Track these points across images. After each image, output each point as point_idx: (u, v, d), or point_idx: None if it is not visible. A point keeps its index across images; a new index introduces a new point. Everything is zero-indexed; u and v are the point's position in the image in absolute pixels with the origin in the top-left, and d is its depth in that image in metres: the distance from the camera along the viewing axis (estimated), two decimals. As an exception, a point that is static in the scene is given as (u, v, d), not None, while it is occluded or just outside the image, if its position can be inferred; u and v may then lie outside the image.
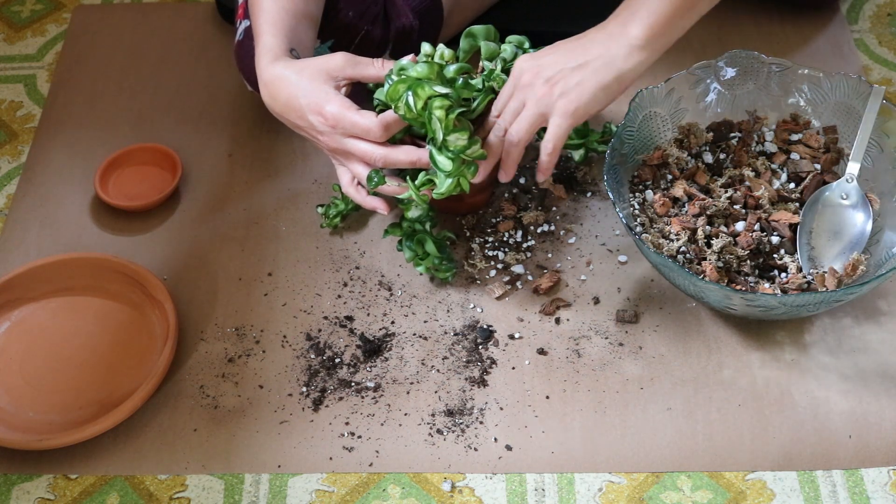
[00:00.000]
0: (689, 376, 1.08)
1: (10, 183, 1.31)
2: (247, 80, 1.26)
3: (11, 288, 1.15)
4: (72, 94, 1.39)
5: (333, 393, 1.08)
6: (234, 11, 1.40)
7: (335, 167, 1.13)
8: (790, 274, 1.07)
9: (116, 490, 1.03)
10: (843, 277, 1.05)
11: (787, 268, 1.08)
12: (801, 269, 1.07)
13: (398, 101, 1.01)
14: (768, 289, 1.05)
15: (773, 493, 1.00)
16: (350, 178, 1.11)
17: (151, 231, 1.24)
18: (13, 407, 1.08)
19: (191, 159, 1.30)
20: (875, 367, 1.08)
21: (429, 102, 1.00)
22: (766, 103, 1.18)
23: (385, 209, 1.10)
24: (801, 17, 1.42)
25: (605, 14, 1.06)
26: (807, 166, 1.14)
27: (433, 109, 1.00)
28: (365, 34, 1.22)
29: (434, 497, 1.01)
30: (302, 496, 1.02)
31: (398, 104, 1.01)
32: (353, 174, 1.10)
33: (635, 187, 1.14)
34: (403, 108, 1.01)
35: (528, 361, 1.10)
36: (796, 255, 1.08)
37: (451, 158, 1.02)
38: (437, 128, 1.00)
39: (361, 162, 1.07)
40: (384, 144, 1.05)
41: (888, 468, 1.02)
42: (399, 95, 1.01)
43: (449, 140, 1.01)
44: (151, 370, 1.08)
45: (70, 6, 1.53)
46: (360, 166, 1.08)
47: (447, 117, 1.00)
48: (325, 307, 1.15)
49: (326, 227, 1.22)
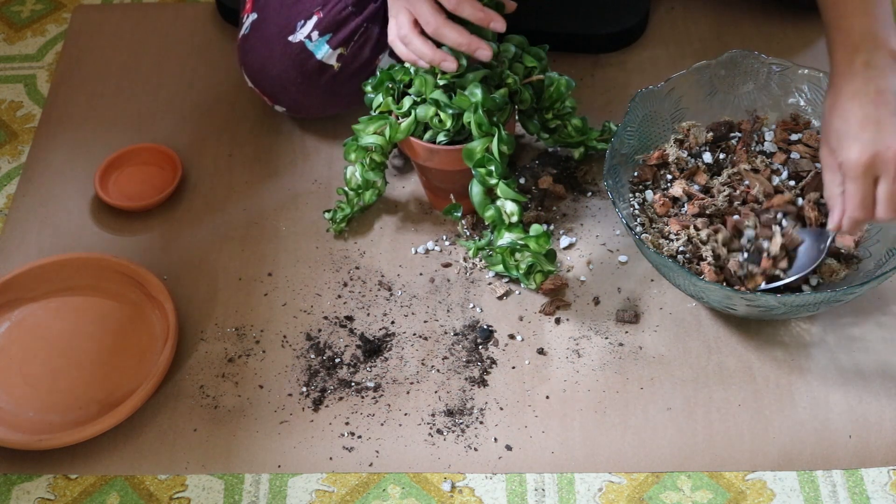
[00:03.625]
0: (689, 376, 1.08)
1: (10, 183, 1.31)
2: (248, 76, 1.26)
3: (11, 288, 1.15)
4: (72, 94, 1.39)
5: (333, 393, 1.08)
6: (234, 11, 1.40)
7: (389, 21, 1.11)
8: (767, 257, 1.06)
9: (116, 490, 1.03)
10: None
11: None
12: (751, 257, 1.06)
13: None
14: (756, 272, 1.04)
15: (773, 493, 1.00)
16: (403, 28, 1.10)
17: (151, 231, 1.24)
18: (13, 407, 1.08)
19: (191, 159, 1.30)
20: (875, 367, 1.08)
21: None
22: (766, 103, 1.18)
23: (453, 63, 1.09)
24: (801, 17, 1.42)
25: (605, 13, 1.06)
26: (807, 165, 1.14)
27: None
28: (364, 30, 1.22)
29: (434, 497, 1.01)
30: (302, 496, 1.02)
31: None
32: (399, 25, 1.09)
33: (635, 187, 1.14)
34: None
35: (528, 361, 1.10)
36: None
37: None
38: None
39: (411, 21, 1.08)
40: (443, 18, 1.06)
41: (888, 468, 1.02)
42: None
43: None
44: (151, 370, 1.08)
45: (70, 6, 1.53)
46: (407, 21, 1.08)
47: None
48: (325, 307, 1.15)
49: (333, 232, 1.21)
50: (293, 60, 1.22)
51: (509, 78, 1.12)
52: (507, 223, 1.10)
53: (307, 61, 1.21)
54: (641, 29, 1.40)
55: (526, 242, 1.09)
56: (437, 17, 1.07)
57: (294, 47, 1.21)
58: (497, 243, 1.11)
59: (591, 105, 1.32)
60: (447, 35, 1.07)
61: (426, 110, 1.10)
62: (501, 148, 1.08)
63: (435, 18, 1.06)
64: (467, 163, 1.10)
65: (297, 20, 1.22)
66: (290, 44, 1.21)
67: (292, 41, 1.21)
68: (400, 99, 1.13)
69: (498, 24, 1.07)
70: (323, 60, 1.22)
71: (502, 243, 1.10)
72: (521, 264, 1.11)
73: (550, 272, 1.11)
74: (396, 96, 1.14)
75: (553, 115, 1.20)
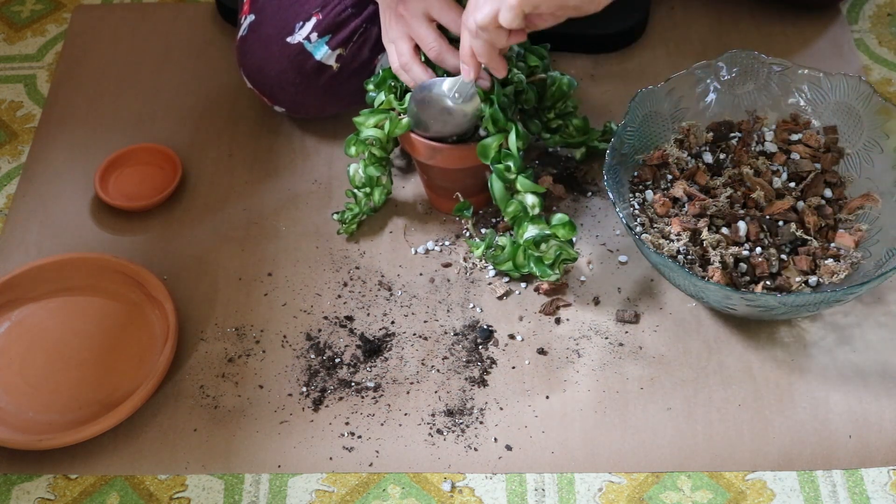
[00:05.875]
0: (689, 376, 1.08)
1: (10, 183, 1.31)
2: (247, 76, 1.26)
3: (11, 288, 1.15)
4: (72, 94, 1.39)
5: (333, 393, 1.08)
6: (234, 11, 1.40)
7: (385, 45, 1.12)
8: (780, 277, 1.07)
9: (116, 490, 1.03)
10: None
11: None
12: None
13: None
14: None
15: (773, 493, 1.00)
16: (403, 56, 1.11)
17: (151, 231, 1.24)
18: (13, 407, 1.08)
19: (191, 159, 1.30)
20: (875, 367, 1.08)
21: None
22: (766, 103, 1.18)
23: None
24: (801, 18, 1.42)
25: (605, 13, 1.06)
26: (807, 166, 1.14)
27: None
28: (364, 31, 1.22)
29: (434, 497, 1.01)
30: (302, 496, 1.02)
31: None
32: (399, 53, 1.10)
33: (635, 187, 1.14)
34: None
35: (528, 361, 1.10)
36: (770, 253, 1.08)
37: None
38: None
39: (411, 48, 1.09)
40: (445, 44, 1.07)
41: (888, 468, 1.02)
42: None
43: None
44: (151, 370, 1.08)
45: (70, 6, 1.53)
46: (408, 49, 1.09)
47: None
48: (325, 307, 1.15)
49: (344, 233, 1.21)
50: (292, 61, 1.22)
51: (515, 77, 1.12)
52: (531, 216, 1.10)
53: (306, 62, 1.21)
54: (641, 29, 1.40)
55: (553, 232, 1.10)
56: (440, 42, 1.07)
57: (292, 48, 1.21)
58: (523, 237, 1.11)
59: (592, 105, 1.32)
60: (449, 61, 1.07)
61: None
62: (518, 143, 1.09)
63: (439, 44, 1.07)
64: (482, 160, 1.10)
65: (296, 22, 1.22)
66: (289, 45, 1.21)
67: (291, 42, 1.21)
68: (402, 97, 1.13)
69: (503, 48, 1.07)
70: (322, 61, 1.22)
71: (528, 236, 1.10)
72: (549, 253, 1.11)
73: (574, 259, 1.11)
74: (398, 94, 1.14)
75: (555, 115, 1.20)
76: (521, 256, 1.12)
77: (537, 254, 1.11)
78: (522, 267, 1.13)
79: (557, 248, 1.10)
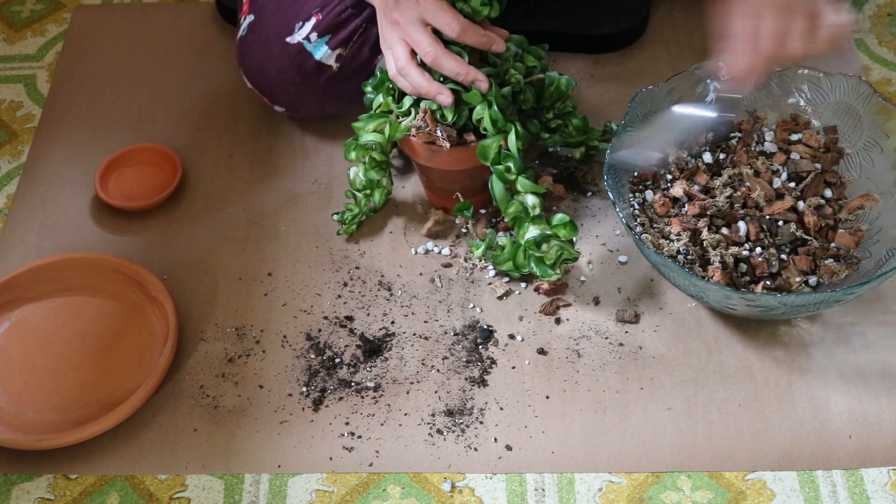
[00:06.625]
0: (689, 376, 1.08)
1: (10, 183, 1.31)
2: (247, 76, 1.26)
3: (11, 288, 1.15)
4: (72, 94, 1.39)
5: (333, 393, 1.08)
6: (234, 11, 1.40)
7: (383, 51, 1.12)
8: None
9: (116, 490, 1.03)
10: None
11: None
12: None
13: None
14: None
15: (773, 493, 1.00)
16: (400, 61, 1.11)
17: (151, 231, 1.24)
18: (13, 407, 1.08)
19: (191, 159, 1.30)
20: (875, 367, 1.08)
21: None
22: (766, 103, 1.18)
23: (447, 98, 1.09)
24: (801, 17, 1.42)
25: (605, 13, 1.06)
26: (807, 166, 1.14)
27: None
28: (363, 31, 1.22)
29: (434, 497, 1.01)
30: (302, 496, 1.02)
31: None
32: (396, 57, 1.10)
33: (635, 187, 1.14)
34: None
35: (528, 361, 1.10)
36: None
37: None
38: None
39: (407, 52, 1.08)
40: (441, 48, 1.07)
41: (888, 468, 1.02)
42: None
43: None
44: (151, 370, 1.08)
45: (70, 6, 1.53)
46: (404, 53, 1.09)
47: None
48: (325, 307, 1.15)
49: (344, 234, 1.21)
50: (291, 61, 1.22)
51: (513, 77, 1.12)
52: (531, 216, 1.10)
53: (305, 62, 1.21)
54: (641, 29, 1.40)
55: (554, 232, 1.10)
56: (436, 46, 1.07)
57: (292, 48, 1.21)
58: (524, 237, 1.11)
59: (591, 105, 1.32)
60: (446, 65, 1.07)
61: (428, 105, 1.10)
62: (517, 144, 1.08)
63: (434, 48, 1.07)
64: (482, 161, 1.10)
65: (295, 22, 1.22)
66: (288, 45, 1.21)
67: (290, 42, 1.21)
68: (400, 99, 1.13)
69: (499, 46, 1.08)
70: (321, 61, 1.22)
71: (530, 236, 1.10)
72: (550, 253, 1.11)
73: (575, 259, 1.11)
74: (397, 96, 1.14)
75: (554, 115, 1.20)
76: (521, 256, 1.12)
77: (538, 254, 1.11)
78: (523, 267, 1.13)
79: (559, 248, 1.10)
